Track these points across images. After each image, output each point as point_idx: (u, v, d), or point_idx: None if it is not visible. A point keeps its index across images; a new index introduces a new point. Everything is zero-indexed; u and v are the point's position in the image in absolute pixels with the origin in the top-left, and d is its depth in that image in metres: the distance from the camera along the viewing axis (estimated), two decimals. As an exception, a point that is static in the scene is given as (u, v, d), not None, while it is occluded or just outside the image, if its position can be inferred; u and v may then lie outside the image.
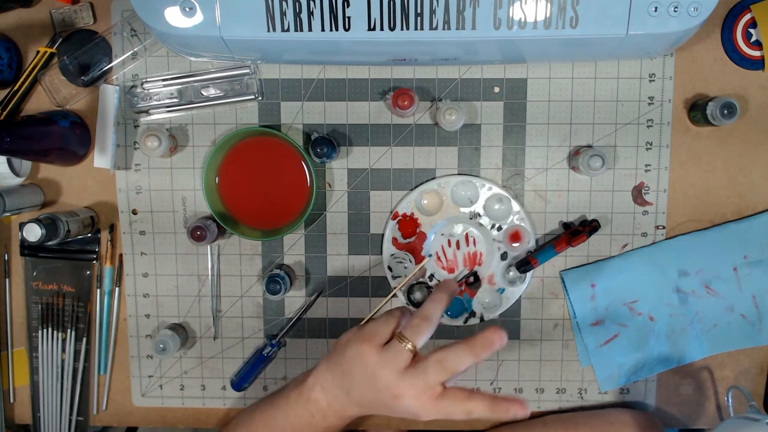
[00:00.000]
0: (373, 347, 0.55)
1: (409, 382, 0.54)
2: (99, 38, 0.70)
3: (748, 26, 0.69)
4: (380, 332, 0.57)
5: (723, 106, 0.65)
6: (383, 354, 0.55)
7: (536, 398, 0.76)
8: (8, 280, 0.75)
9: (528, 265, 0.70)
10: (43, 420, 0.76)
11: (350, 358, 0.56)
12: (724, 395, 0.74)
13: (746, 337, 0.73)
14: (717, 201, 0.72)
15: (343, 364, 0.57)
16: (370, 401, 0.57)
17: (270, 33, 0.57)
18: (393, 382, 0.54)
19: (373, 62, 0.70)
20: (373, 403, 0.57)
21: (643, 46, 0.61)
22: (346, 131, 0.72)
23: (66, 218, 0.68)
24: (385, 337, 0.56)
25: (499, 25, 0.56)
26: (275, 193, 0.72)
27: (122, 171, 0.73)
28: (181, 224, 0.74)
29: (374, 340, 0.56)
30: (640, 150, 0.72)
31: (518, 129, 0.72)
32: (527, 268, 0.71)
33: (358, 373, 0.56)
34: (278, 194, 0.72)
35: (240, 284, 0.75)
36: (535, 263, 0.70)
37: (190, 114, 0.72)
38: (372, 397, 0.56)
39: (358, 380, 0.56)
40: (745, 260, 0.72)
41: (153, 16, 0.57)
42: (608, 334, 0.74)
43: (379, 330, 0.57)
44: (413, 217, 0.72)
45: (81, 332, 0.75)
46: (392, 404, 0.55)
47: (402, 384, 0.54)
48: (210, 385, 0.77)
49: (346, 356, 0.57)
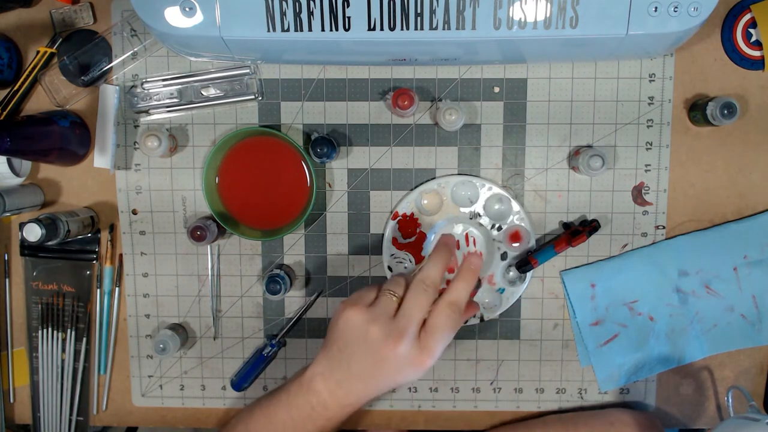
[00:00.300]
0: (360, 308, 0.56)
1: (401, 325, 0.55)
2: (99, 38, 0.70)
3: (748, 26, 0.69)
4: (364, 295, 0.58)
5: (723, 106, 0.65)
6: (371, 311, 0.56)
7: (536, 398, 0.76)
8: (8, 280, 0.75)
9: (528, 265, 0.70)
10: (43, 420, 0.76)
11: (342, 329, 0.57)
12: (724, 395, 0.74)
13: (746, 337, 0.73)
14: (717, 201, 0.72)
15: (338, 340, 0.57)
16: (371, 369, 0.56)
17: (270, 33, 0.57)
18: (386, 332, 0.55)
19: (373, 62, 0.70)
20: (374, 372, 0.56)
21: (643, 46, 0.61)
22: (346, 131, 0.72)
23: (66, 218, 0.68)
24: (370, 299, 0.57)
25: (499, 25, 0.56)
26: (275, 193, 0.72)
27: (122, 171, 0.73)
28: (181, 224, 0.74)
29: (360, 302, 0.57)
30: (640, 150, 0.72)
31: (518, 129, 0.72)
32: (527, 268, 0.71)
33: (352, 341, 0.56)
34: (278, 194, 0.72)
35: (240, 284, 0.75)
36: (535, 263, 0.70)
37: (190, 114, 0.72)
38: (372, 364, 0.56)
39: (354, 348, 0.56)
40: (745, 260, 0.72)
41: (153, 16, 0.57)
42: (608, 334, 0.74)
43: (362, 294, 0.58)
44: (413, 217, 0.72)
45: (81, 332, 0.75)
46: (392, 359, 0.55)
47: (394, 330, 0.55)
48: (210, 385, 0.77)
49: (338, 330, 0.57)
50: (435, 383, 0.76)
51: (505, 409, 0.76)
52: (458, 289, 0.57)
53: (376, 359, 0.56)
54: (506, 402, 0.76)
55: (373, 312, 0.56)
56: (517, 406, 0.76)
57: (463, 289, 0.58)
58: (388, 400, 0.76)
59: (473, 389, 0.76)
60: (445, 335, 0.56)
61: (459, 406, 0.76)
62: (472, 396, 0.76)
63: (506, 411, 0.76)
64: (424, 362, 0.55)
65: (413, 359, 0.55)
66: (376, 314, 0.56)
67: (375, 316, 0.56)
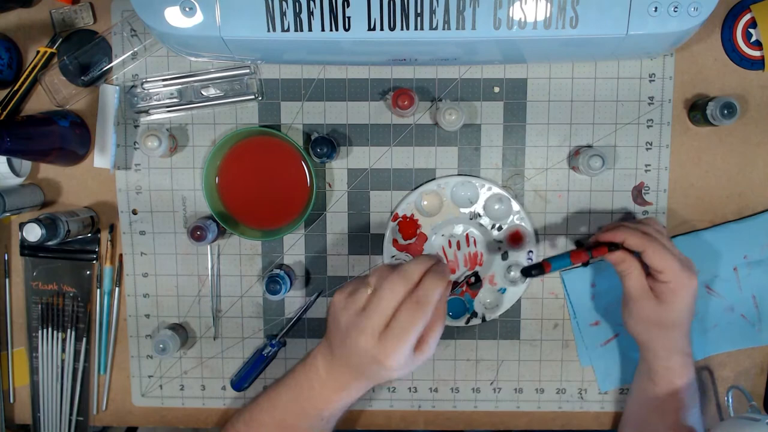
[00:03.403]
0: (342, 295, 0.57)
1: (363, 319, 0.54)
2: (99, 38, 0.70)
3: (748, 26, 0.69)
4: (352, 283, 0.58)
5: (723, 106, 0.65)
6: (347, 300, 0.56)
7: (536, 398, 0.76)
8: (8, 280, 0.75)
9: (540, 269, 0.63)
10: (43, 420, 0.76)
11: (329, 313, 0.58)
12: (724, 395, 0.74)
13: (746, 337, 0.73)
14: (717, 201, 0.72)
15: (330, 322, 0.58)
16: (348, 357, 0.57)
17: (270, 33, 0.57)
18: (351, 323, 0.55)
19: (373, 62, 0.70)
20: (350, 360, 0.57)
21: (643, 46, 0.61)
22: (346, 131, 0.72)
23: (66, 218, 0.68)
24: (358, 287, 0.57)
25: (499, 25, 0.56)
26: (275, 193, 0.72)
27: (122, 171, 0.73)
28: (181, 224, 0.74)
29: (345, 289, 0.57)
30: (640, 150, 0.72)
31: (518, 129, 0.72)
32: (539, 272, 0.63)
33: (332, 327, 0.58)
34: (278, 194, 0.72)
35: (240, 284, 0.75)
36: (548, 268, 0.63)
37: (190, 114, 0.72)
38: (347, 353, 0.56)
39: (335, 333, 0.57)
40: (745, 260, 0.72)
41: (153, 16, 0.57)
42: (608, 334, 0.74)
43: (352, 282, 0.58)
44: (413, 218, 0.72)
45: (81, 332, 0.75)
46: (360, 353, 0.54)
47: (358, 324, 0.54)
48: (210, 385, 0.77)
49: (329, 313, 0.59)
50: (435, 383, 0.76)
51: (505, 409, 0.76)
52: (425, 288, 0.54)
53: (349, 348, 0.55)
54: (506, 402, 0.76)
55: (347, 301, 0.56)
56: (517, 406, 0.76)
57: (431, 288, 0.54)
58: (388, 400, 0.76)
59: (473, 389, 0.76)
60: (408, 336, 0.53)
61: (459, 406, 0.76)
62: (472, 396, 0.76)
63: (506, 411, 0.76)
64: (384, 362, 0.53)
65: (377, 357, 0.54)
66: (348, 304, 0.56)
67: (347, 306, 0.56)
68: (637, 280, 0.62)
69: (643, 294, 0.62)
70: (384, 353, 0.53)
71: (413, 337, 0.53)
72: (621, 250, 0.62)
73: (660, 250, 0.60)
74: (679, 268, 0.60)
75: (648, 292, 0.62)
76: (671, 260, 0.60)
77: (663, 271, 0.60)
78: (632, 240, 0.61)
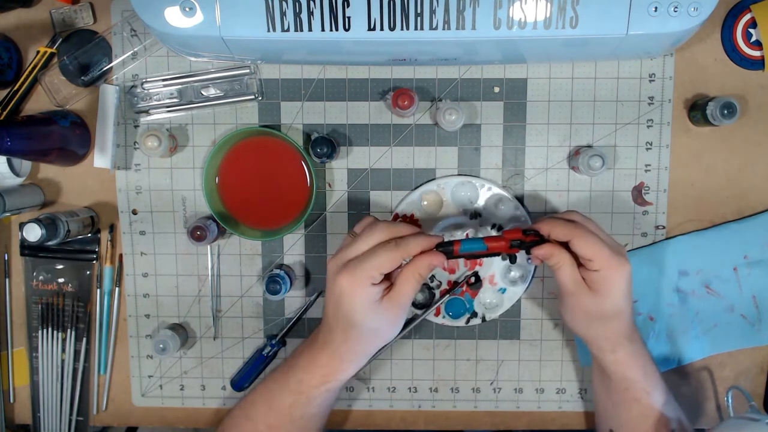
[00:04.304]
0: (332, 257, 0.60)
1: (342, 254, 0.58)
2: (99, 38, 0.70)
3: (748, 26, 0.69)
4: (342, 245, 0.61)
5: (723, 106, 0.65)
6: (335, 255, 0.60)
7: (536, 398, 0.76)
8: (8, 280, 0.75)
9: (449, 247, 0.59)
10: (43, 420, 0.76)
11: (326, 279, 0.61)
12: (724, 395, 0.74)
13: (746, 337, 0.73)
14: (717, 201, 0.72)
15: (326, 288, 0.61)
16: (335, 308, 0.59)
17: (270, 33, 0.57)
18: (335, 263, 0.59)
19: (373, 62, 0.70)
20: (337, 310, 0.59)
21: (643, 46, 0.61)
22: (346, 131, 0.72)
23: (66, 218, 0.68)
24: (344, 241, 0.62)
25: (499, 25, 0.56)
26: (275, 193, 0.72)
27: (122, 171, 0.73)
28: (181, 224, 0.74)
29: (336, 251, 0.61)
30: (640, 150, 0.72)
31: (518, 129, 0.72)
32: (448, 253, 0.59)
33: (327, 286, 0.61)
34: (278, 194, 0.72)
35: (240, 284, 0.75)
36: (458, 247, 0.59)
37: (190, 114, 0.72)
38: (335, 302, 0.59)
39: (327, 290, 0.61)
40: (745, 260, 0.72)
41: (153, 16, 0.57)
42: (608, 334, 0.74)
43: None
44: (413, 218, 0.72)
45: (81, 332, 0.75)
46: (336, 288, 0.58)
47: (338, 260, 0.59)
48: (210, 385, 0.77)
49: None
50: (435, 383, 0.76)
51: (505, 409, 0.76)
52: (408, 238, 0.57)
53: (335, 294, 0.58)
54: (506, 402, 0.76)
55: (334, 255, 0.60)
56: (517, 406, 0.76)
57: (413, 240, 0.57)
58: (388, 400, 0.76)
59: (473, 389, 0.76)
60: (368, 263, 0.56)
61: (459, 406, 0.76)
62: (472, 396, 0.76)
63: (506, 411, 0.76)
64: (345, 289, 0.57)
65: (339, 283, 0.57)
66: (334, 255, 0.60)
67: (333, 257, 0.60)
68: (569, 273, 0.58)
69: (577, 287, 0.59)
70: (346, 279, 0.56)
71: (373, 271, 0.56)
72: (548, 244, 0.59)
73: (587, 236, 0.57)
74: (609, 254, 0.57)
75: (582, 285, 0.59)
76: (600, 246, 0.56)
77: (593, 259, 0.57)
78: (557, 230, 0.58)
